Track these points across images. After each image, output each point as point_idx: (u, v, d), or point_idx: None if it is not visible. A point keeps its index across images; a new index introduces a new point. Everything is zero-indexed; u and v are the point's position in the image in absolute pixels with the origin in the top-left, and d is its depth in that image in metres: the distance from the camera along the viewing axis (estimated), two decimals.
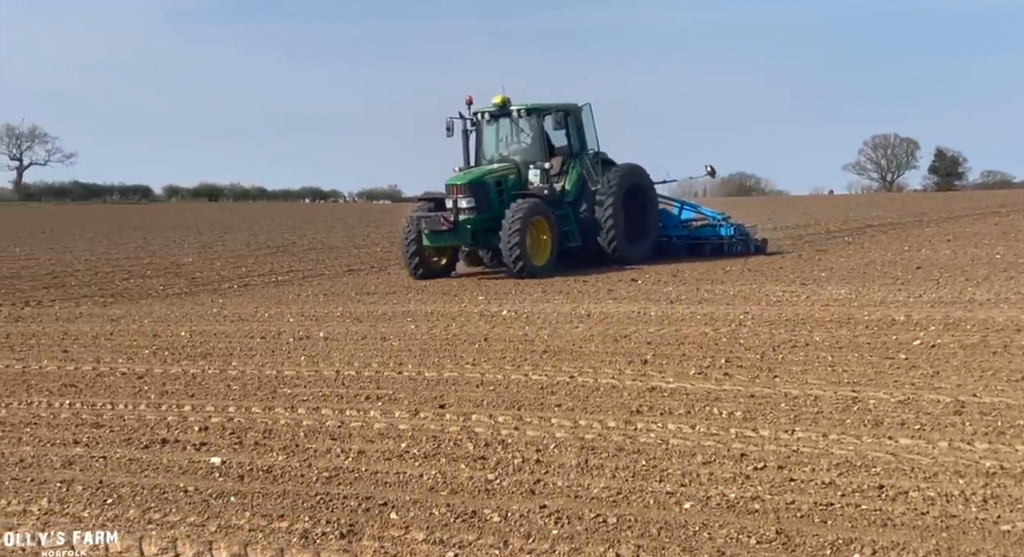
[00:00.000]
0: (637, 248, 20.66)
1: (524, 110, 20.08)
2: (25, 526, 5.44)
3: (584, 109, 20.60)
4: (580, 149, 20.35)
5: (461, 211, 18.64)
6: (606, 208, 19.89)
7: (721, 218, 22.13)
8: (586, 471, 6.28)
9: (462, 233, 18.81)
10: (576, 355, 10.30)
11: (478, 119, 20.34)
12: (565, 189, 20.02)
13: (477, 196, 18.74)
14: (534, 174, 19.76)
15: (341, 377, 9.49)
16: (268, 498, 5.87)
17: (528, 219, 18.41)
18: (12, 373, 10.05)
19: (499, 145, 20.55)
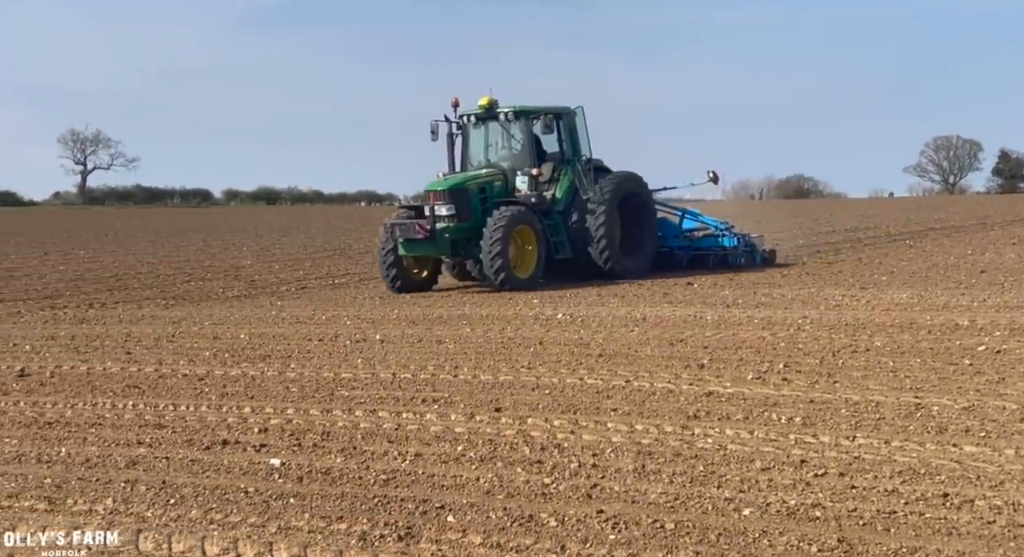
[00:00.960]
0: (633, 261, 19.27)
1: (512, 113, 18.63)
2: (91, 525, 5.55)
3: (576, 113, 19.22)
4: (572, 155, 19.01)
5: (440, 219, 17.33)
6: (598, 217, 18.46)
7: (724, 228, 20.68)
8: (643, 476, 6.24)
9: (440, 242, 17.41)
10: (632, 359, 10.26)
11: (464, 122, 19.05)
12: (555, 197, 18.68)
13: (458, 203, 17.46)
14: (522, 181, 18.45)
15: (397, 380, 9.55)
16: (327, 500, 5.92)
17: (511, 228, 17.17)
18: (77, 374, 10.27)
19: (486, 150, 19.23)
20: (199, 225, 49.66)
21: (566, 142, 19.06)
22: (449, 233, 17.40)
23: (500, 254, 17.00)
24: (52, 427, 7.90)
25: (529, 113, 18.60)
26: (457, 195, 17.58)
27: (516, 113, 18.60)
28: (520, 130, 18.83)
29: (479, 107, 18.67)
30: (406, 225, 17.38)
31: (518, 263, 17.62)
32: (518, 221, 17.37)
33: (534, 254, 17.76)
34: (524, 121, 18.68)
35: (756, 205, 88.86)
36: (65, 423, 8.03)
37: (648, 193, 20.06)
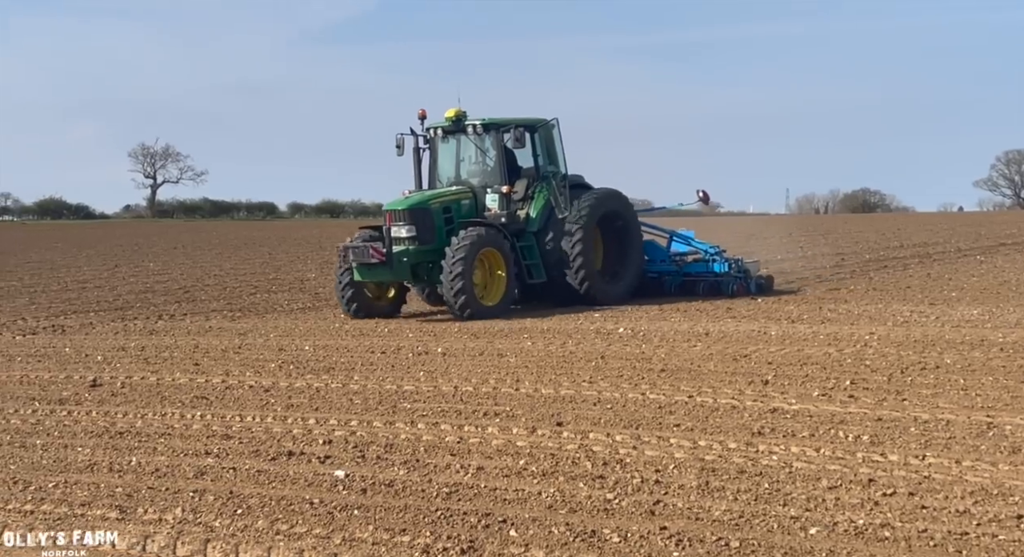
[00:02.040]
0: (614, 286, 17.69)
1: (480, 126, 16.99)
2: (160, 534, 5.66)
3: (552, 126, 17.60)
4: (548, 171, 17.40)
5: (398, 241, 15.93)
6: (574, 238, 16.84)
7: (714, 252, 18.88)
8: (707, 493, 6.19)
9: (397, 267, 15.89)
10: (694, 374, 10.17)
11: (432, 136, 17.48)
12: (529, 216, 17.07)
13: (419, 224, 15.99)
14: (492, 199, 16.85)
15: (459, 393, 9.59)
16: (390, 512, 5.96)
17: (475, 251, 15.65)
18: (147, 385, 10.48)
19: (455, 166, 17.64)
20: (264, 238, 50.43)
21: (541, 157, 17.53)
22: (408, 257, 15.93)
23: (462, 280, 15.42)
24: (123, 437, 8.08)
25: (499, 126, 16.98)
26: (418, 215, 16.12)
27: (485, 126, 17.04)
28: (490, 144, 17.24)
29: (446, 119, 17.19)
30: (360, 248, 15.86)
31: (486, 289, 16.22)
32: (484, 243, 15.88)
33: (504, 279, 16.21)
34: (494, 134, 17.06)
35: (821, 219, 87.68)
36: (135, 433, 8.20)
37: (632, 213, 18.45)
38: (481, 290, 16.06)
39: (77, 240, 48.85)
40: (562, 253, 16.89)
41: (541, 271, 16.95)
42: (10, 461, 7.31)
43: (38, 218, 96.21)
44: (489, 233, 16.08)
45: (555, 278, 16.97)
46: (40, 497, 6.39)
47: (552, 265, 16.95)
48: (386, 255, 15.74)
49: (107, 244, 45.24)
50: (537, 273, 16.93)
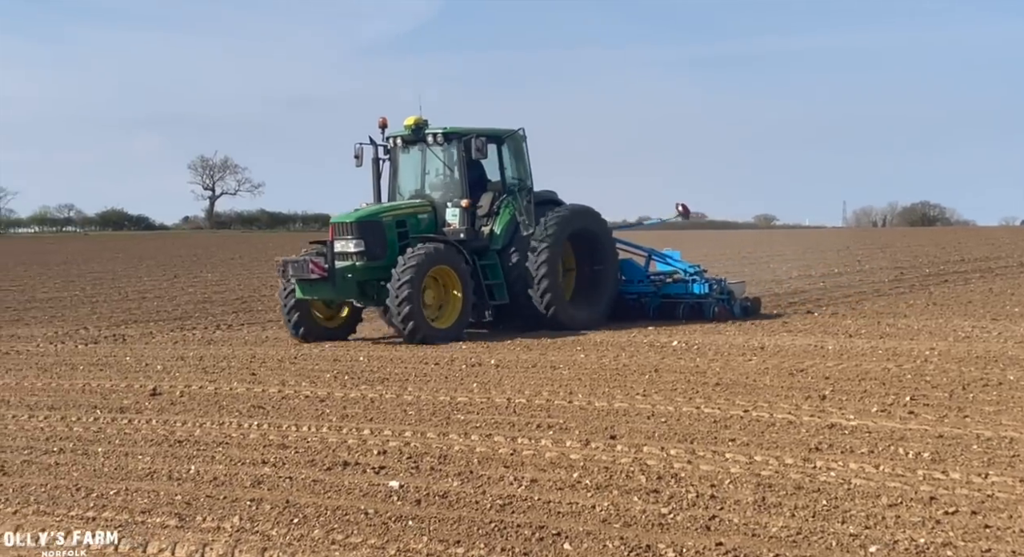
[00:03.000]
0: (584, 309, 16.38)
1: (441, 135, 15.80)
2: (219, 542, 5.73)
3: (519, 136, 16.33)
4: (516, 185, 16.17)
5: (343, 256, 14.79)
6: (539, 256, 15.57)
7: (694, 272, 17.43)
8: (763, 509, 6.12)
9: (341, 284, 14.72)
10: (750, 388, 10.08)
11: (392, 146, 16.34)
12: (494, 233, 15.87)
13: (368, 238, 14.84)
14: (452, 214, 15.64)
15: (512, 405, 9.59)
16: (444, 523, 5.98)
17: (425, 269, 14.46)
18: (205, 394, 10.64)
19: (416, 179, 16.46)
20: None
21: (509, 170, 16.29)
22: (353, 273, 14.76)
23: (408, 300, 14.22)
24: (182, 445, 8.20)
25: (462, 135, 15.68)
26: (367, 229, 14.96)
27: (446, 135, 15.81)
28: (452, 155, 15.95)
29: (405, 127, 16.03)
30: (299, 263, 14.74)
31: (441, 310, 15.07)
32: (436, 261, 14.69)
33: (460, 300, 15.01)
34: (456, 144, 15.75)
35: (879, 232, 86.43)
36: (194, 441, 8.32)
37: (606, 231, 17.09)
38: (434, 311, 14.94)
39: (137, 251, 49.80)
40: (526, 273, 15.66)
41: (503, 292, 15.76)
42: (73, 468, 7.45)
43: (100, 229, 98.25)
44: (443, 250, 14.91)
45: (519, 300, 15.76)
46: (102, 504, 6.50)
47: (516, 286, 15.75)
48: (328, 271, 14.62)
49: (166, 255, 46.05)
50: (499, 294, 15.74)
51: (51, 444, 8.26)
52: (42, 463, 7.61)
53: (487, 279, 15.65)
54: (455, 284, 15.01)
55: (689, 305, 16.91)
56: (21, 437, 8.57)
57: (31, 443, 8.31)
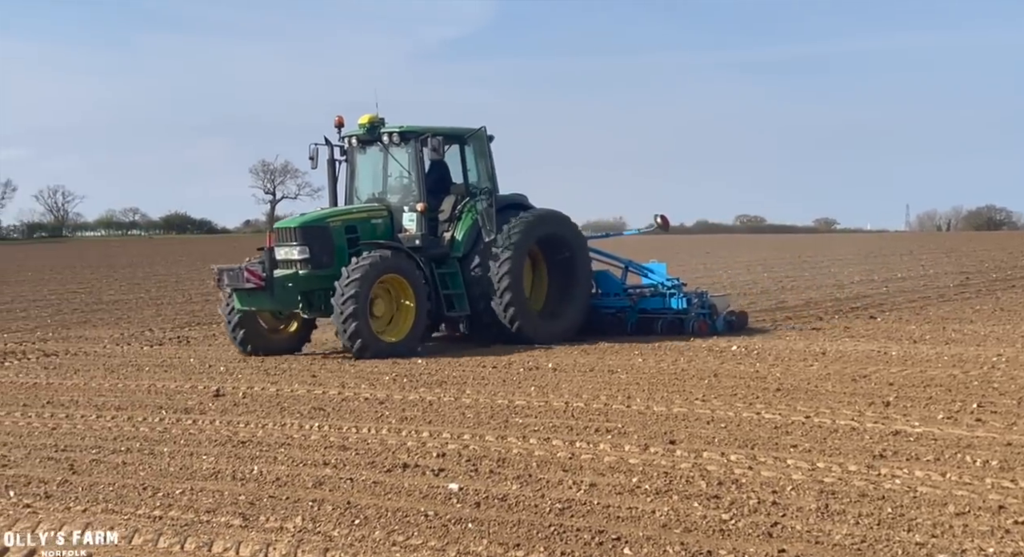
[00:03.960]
0: (551, 322, 15.28)
1: (397, 134, 14.72)
2: (282, 542, 5.81)
3: (480, 135, 15.30)
4: (479, 188, 15.09)
5: (286, 264, 13.79)
6: (501, 266, 14.48)
7: (671, 285, 16.23)
8: (826, 516, 6.04)
9: (281, 294, 13.68)
10: (811, 394, 9.95)
11: (348, 146, 15.31)
12: (455, 240, 14.81)
13: (313, 245, 13.81)
14: (409, 219, 14.53)
15: (570, 408, 9.59)
16: (504, 526, 5.99)
17: (372, 278, 13.40)
18: (267, 395, 10.78)
19: (375, 181, 15.44)
20: None
21: (472, 172, 15.31)
22: (295, 282, 13.69)
23: (354, 315, 13.17)
24: (245, 446, 8.32)
25: (418, 134, 14.63)
26: (312, 234, 13.94)
27: (402, 134, 14.72)
28: (408, 155, 14.88)
29: (359, 126, 15.03)
30: (235, 272, 13.77)
31: (392, 322, 14.01)
32: (385, 269, 13.63)
33: (413, 311, 13.92)
34: (413, 144, 14.68)
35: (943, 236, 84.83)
36: (257, 442, 8.44)
37: (577, 237, 15.94)
38: (384, 323, 13.88)
39: (200, 254, 50.61)
40: (488, 283, 14.59)
41: (464, 302, 14.67)
42: (140, 467, 7.60)
43: (164, 232, 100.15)
44: (393, 257, 13.85)
45: (481, 311, 14.72)
46: (168, 503, 6.62)
47: (477, 296, 14.67)
48: (265, 280, 13.61)
49: (228, 258, 46.43)
50: (459, 304, 14.66)
51: (118, 443, 8.44)
52: (110, 462, 7.77)
53: (446, 289, 14.58)
54: (407, 294, 13.91)
55: (668, 320, 15.76)
56: (90, 436, 8.76)
57: (99, 442, 8.50)
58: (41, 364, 13.51)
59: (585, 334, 15.36)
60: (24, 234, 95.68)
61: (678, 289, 16.14)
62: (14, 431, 9.07)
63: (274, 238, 14.10)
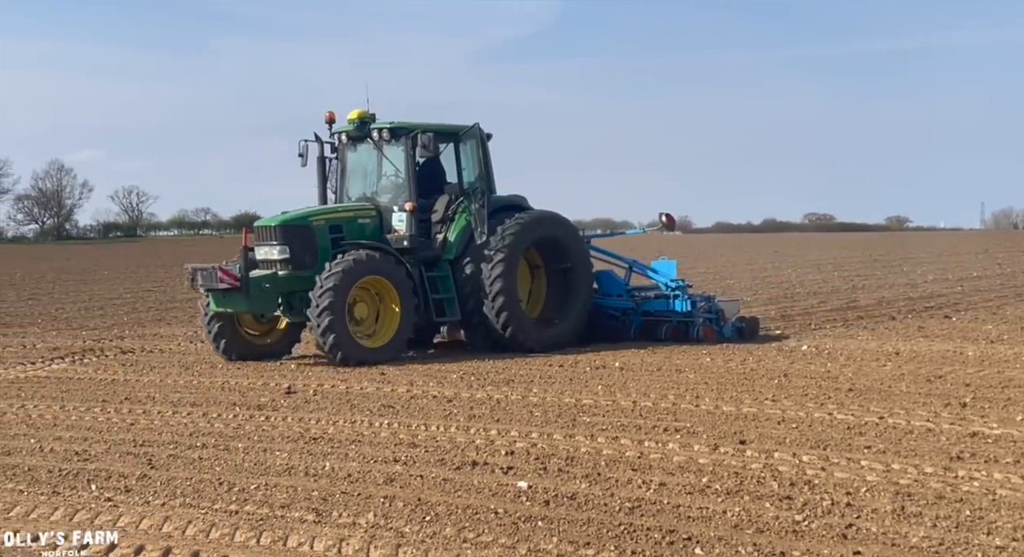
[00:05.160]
0: (548, 329, 14.57)
1: (387, 131, 14.05)
2: (355, 537, 5.89)
3: (474, 132, 14.60)
4: (474, 187, 14.41)
5: (265, 264, 13.31)
6: (493, 269, 13.79)
7: (675, 286, 15.23)
8: (902, 518, 5.94)
9: (256, 295, 13.06)
10: (885, 395, 9.79)
11: (339, 143, 14.75)
12: (447, 241, 14.15)
13: (294, 244, 13.23)
14: (399, 219, 13.85)
15: (638, 408, 9.55)
16: (573, 525, 5.99)
17: (350, 280, 12.77)
18: (337, 393, 10.92)
19: (366, 180, 14.82)
20: None
21: (467, 171, 14.65)
22: (273, 283, 13.14)
23: (330, 325, 12.58)
24: (317, 442, 8.44)
25: (409, 131, 13.98)
26: (293, 233, 13.34)
27: (393, 131, 14.07)
28: (398, 153, 14.26)
29: (348, 122, 14.46)
30: (208, 271, 13.13)
31: (378, 325, 13.41)
32: (366, 271, 12.98)
33: (398, 315, 13.27)
34: (404, 141, 14.03)
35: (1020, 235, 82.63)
36: (328, 439, 8.56)
37: (577, 240, 15.15)
38: (368, 327, 13.33)
39: None
40: (479, 286, 13.91)
41: (454, 307, 14.02)
42: (215, 463, 7.75)
43: (234, 232, 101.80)
44: (376, 258, 13.18)
45: (472, 316, 14.07)
46: (243, 498, 6.75)
47: (468, 301, 14.00)
48: (240, 280, 13.02)
49: None
50: (450, 309, 14.02)
51: (194, 439, 8.61)
52: (187, 457, 7.94)
53: (436, 293, 13.92)
54: (392, 297, 13.27)
55: (673, 325, 14.96)
56: (166, 432, 8.96)
57: (176, 438, 8.69)
58: (119, 361, 13.85)
59: (585, 339, 14.75)
60: (100, 234, 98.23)
61: (683, 291, 15.20)
62: (94, 426, 9.31)
63: (253, 237, 13.56)
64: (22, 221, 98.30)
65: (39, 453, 8.21)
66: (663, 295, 15.28)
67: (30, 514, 6.54)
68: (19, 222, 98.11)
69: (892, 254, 44.72)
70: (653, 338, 14.87)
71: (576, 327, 14.80)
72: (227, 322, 13.60)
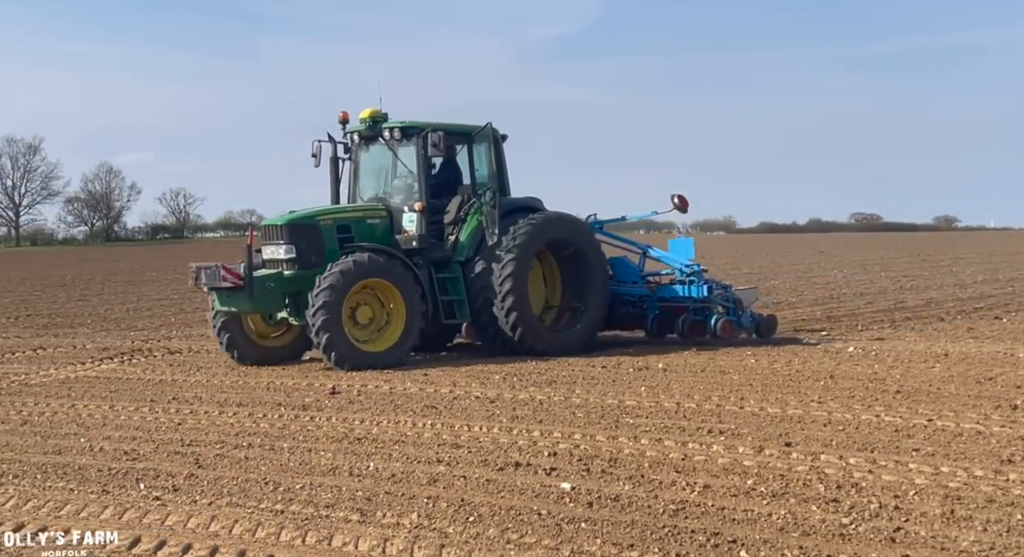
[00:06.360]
0: (560, 332, 14.28)
1: (398, 130, 13.84)
2: (399, 538, 5.92)
3: (486, 132, 14.34)
4: (485, 188, 14.14)
5: (271, 263, 13.23)
6: (503, 271, 13.53)
7: (689, 270, 14.65)
8: (952, 522, 5.85)
9: (260, 295, 12.86)
10: (933, 397, 9.65)
11: (352, 143, 14.62)
12: (459, 243, 13.91)
13: (301, 244, 13.09)
14: (409, 220, 13.65)
15: (682, 409, 9.50)
16: (617, 527, 5.98)
17: (349, 282, 12.58)
18: (381, 393, 10.98)
19: (379, 180, 14.69)
20: None
21: (480, 171, 14.46)
22: (278, 283, 13.00)
23: (325, 325, 12.40)
24: (361, 442, 8.49)
25: (421, 130, 13.76)
26: (300, 233, 13.19)
27: (404, 130, 13.85)
28: (409, 153, 14.02)
29: (360, 121, 14.30)
30: (212, 270, 13.02)
31: (377, 330, 13.13)
32: (366, 273, 12.77)
33: (402, 318, 13.04)
34: (416, 141, 13.80)
35: None
36: (372, 439, 8.61)
37: (589, 240, 14.72)
38: (373, 331, 13.08)
39: None
40: (489, 289, 13.66)
41: (465, 310, 13.77)
42: (261, 462, 7.83)
43: None
44: (379, 260, 12.97)
45: (482, 319, 13.81)
46: (288, 498, 6.81)
47: (478, 303, 13.74)
48: (244, 279, 12.84)
49: None
50: (460, 312, 13.78)
51: (240, 439, 8.71)
52: (233, 457, 8.03)
53: (446, 294, 13.69)
54: (397, 300, 13.03)
55: (691, 317, 14.48)
56: (213, 432, 9.07)
57: (223, 437, 8.79)
58: (166, 361, 14.04)
59: (601, 328, 14.71)
60: (148, 235, 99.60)
61: (698, 276, 14.59)
62: (142, 426, 9.45)
63: (259, 236, 13.45)
64: (72, 223, 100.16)
65: (89, 452, 8.35)
66: (678, 281, 14.79)
67: (80, 512, 6.65)
68: (69, 224, 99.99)
69: (940, 254, 44.08)
70: (671, 331, 14.61)
71: (589, 332, 14.50)
72: (233, 321, 13.42)
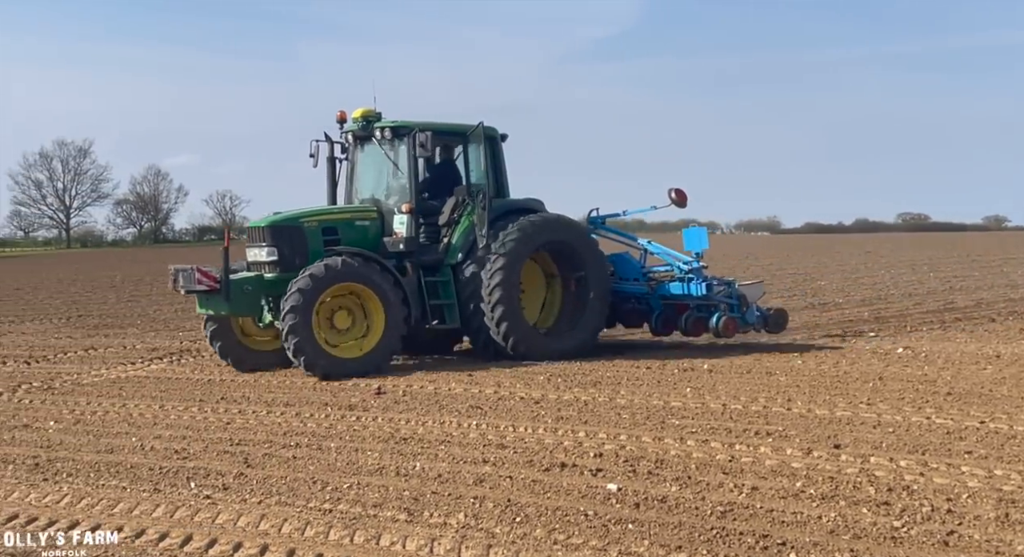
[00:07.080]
0: (555, 339, 13.75)
1: (390, 130, 13.53)
2: (446, 537, 5.94)
3: (477, 133, 13.84)
4: (477, 189, 13.66)
5: (255, 266, 12.98)
6: (492, 276, 13.07)
7: (688, 266, 14.14)
8: (1007, 525, 5.76)
9: (237, 298, 12.53)
10: (986, 399, 9.50)
11: (348, 143, 14.31)
12: (451, 245, 13.50)
13: (283, 246, 12.76)
14: (400, 221, 13.31)
15: (728, 410, 9.44)
16: (664, 528, 5.95)
17: (321, 286, 12.20)
18: (426, 393, 11.01)
19: (374, 181, 14.30)
20: None
21: (475, 172, 14.00)
22: (255, 286, 12.73)
23: (293, 329, 12.00)
24: (407, 442, 8.53)
25: (411, 130, 13.37)
26: (282, 235, 12.85)
27: (395, 130, 13.53)
28: (401, 152, 13.68)
29: (353, 121, 13.99)
30: (188, 272, 12.68)
31: (361, 336, 12.72)
32: (339, 278, 12.34)
33: (381, 323, 12.58)
34: (407, 140, 13.45)
35: None
36: (418, 439, 8.65)
37: (587, 242, 14.14)
38: (349, 337, 12.65)
39: None
40: (479, 295, 13.20)
41: (454, 314, 13.33)
42: (308, 462, 7.90)
43: None
44: (355, 263, 12.55)
45: (472, 324, 13.39)
46: (336, 497, 6.86)
47: (468, 307, 13.29)
48: (220, 282, 12.51)
49: None
50: (450, 316, 13.35)
51: (288, 438, 8.79)
52: (281, 456, 8.10)
53: (436, 298, 13.28)
54: (376, 307, 12.62)
55: (695, 314, 14.05)
56: (261, 431, 9.16)
57: (271, 437, 8.88)
58: (214, 362, 14.17)
59: (604, 332, 14.50)
60: (195, 236, 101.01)
61: (697, 273, 14.02)
62: (192, 425, 9.57)
63: (239, 238, 13.00)
64: (121, 225, 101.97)
65: (140, 451, 8.47)
66: (677, 278, 14.28)
67: (132, 510, 6.75)
68: (118, 226, 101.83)
69: (990, 254, 43.35)
70: (675, 328, 14.33)
71: (587, 339, 13.92)
72: (223, 325, 13.13)
